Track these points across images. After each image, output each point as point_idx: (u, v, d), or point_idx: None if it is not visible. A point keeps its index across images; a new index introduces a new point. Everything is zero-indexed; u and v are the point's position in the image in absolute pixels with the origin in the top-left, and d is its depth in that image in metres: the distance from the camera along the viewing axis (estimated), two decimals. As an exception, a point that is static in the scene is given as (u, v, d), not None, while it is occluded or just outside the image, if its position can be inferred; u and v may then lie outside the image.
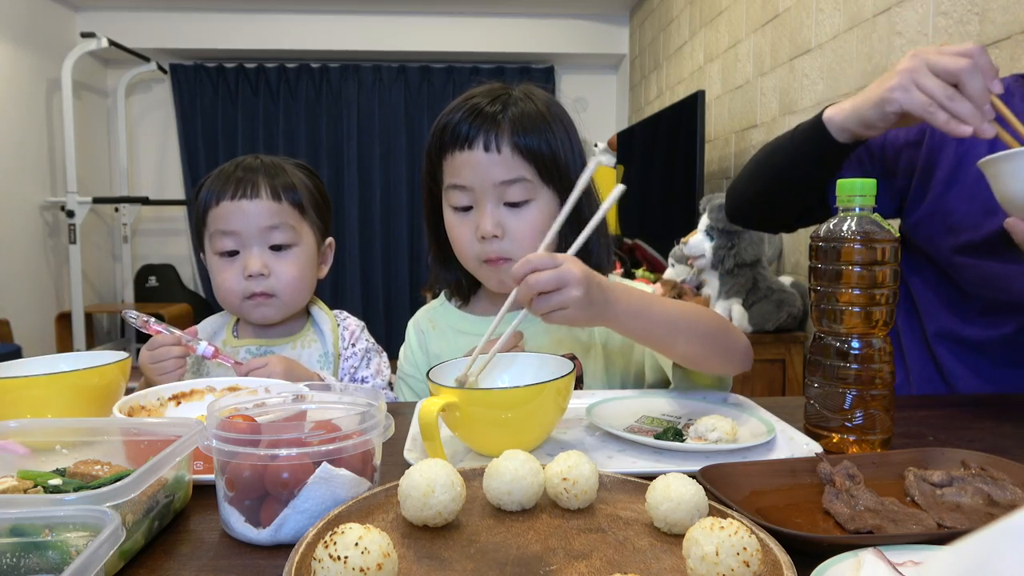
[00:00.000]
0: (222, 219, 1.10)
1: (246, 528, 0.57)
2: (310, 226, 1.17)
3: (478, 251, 1.00)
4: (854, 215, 0.76)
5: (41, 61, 4.31)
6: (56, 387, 0.80)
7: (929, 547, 0.51)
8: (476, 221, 0.99)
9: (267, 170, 1.14)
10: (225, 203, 1.10)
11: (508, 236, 0.98)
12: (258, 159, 1.17)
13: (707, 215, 2.34)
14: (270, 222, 1.10)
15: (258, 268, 1.10)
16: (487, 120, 0.97)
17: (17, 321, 3.88)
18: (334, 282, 5.14)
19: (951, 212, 1.04)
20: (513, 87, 1.03)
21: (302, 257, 1.14)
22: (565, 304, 0.75)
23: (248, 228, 1.10)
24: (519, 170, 0.97)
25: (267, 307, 1.13)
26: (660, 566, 0.51)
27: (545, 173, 0.98)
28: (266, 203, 1.10)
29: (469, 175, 0.97)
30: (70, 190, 4.24)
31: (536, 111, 0.99)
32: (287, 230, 1.12)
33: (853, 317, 0.75)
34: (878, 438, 0.76)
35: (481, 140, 0.96)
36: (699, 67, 3.46)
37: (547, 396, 0.74)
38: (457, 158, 0.98)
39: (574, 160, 1.01)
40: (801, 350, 2.34)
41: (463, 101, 1.00)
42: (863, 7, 2.04)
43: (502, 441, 0.71)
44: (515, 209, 0.98)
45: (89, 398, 0.83)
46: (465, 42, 4.90)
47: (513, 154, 0.96)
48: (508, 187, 0.97)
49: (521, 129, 0.96)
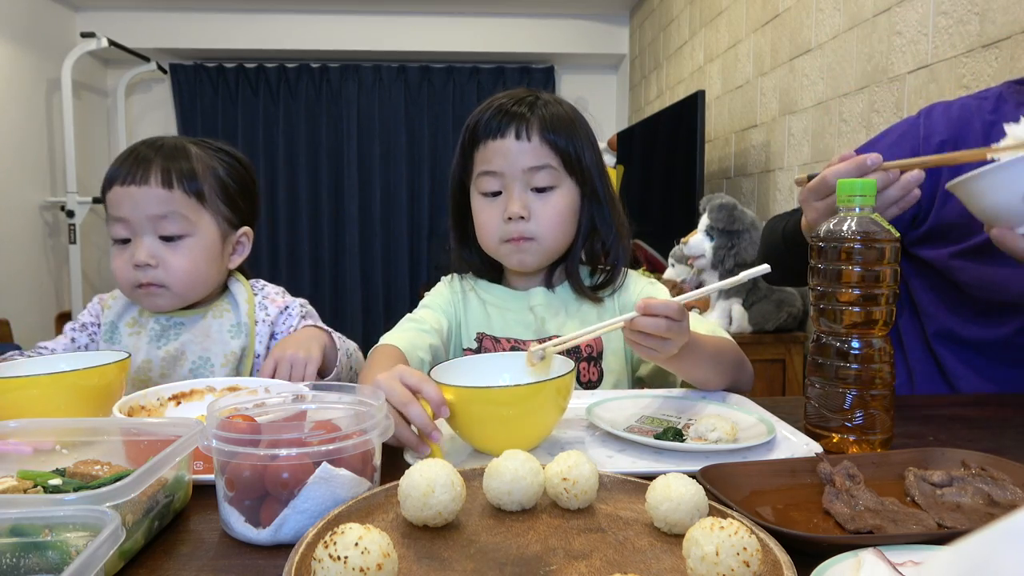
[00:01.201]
0: (114, 204, 1.08)
1: (246, 528, 0.57)
2: (212, 215, 1.13)
3: (502, 231, 1.07)
4: (854, 215, 0.76)
5: (41, 61, 4.31)
6: (56, 387, 0.80)
7: (929, 547, 0.51)
8: (504, 205, 1.06)
9: (167, 154, 1.10)
10: (116, 188, 1.07)
11: (533, 218, 1.05)
12: (163, 141, 1.13)
13: (707, 215, 2.34)
14: (159, 211, 1.07)
15: (144, 258, 1.07)
16: (517, 115, 1.05)
17: (17, 321, 3.88)
18: (334, 282, 5.14)
19: (950, 224, 1.05)
20: (540, 93, 1.11)
21: (196, 248, 1.10)
22: (663, 351, 0.81)
23: (137, 215, 1.07)
24: (546, 158, 1.05)
25: (157, 297, 1.10)
26: (660, 566, 0.51)
27: (568, 165, 1.06)
28: (155, 190, 1.07)
29: (500, 161, 1.05)
30: (70, 190, 4.23)
31: (564, 114, 1.08)
32: (178, 219, 1.08)
33: (853, 317, 0.75)
34: (878, 438, 0.76)
35: (513, 129, 1.04)
36: (699, 67, 3.46)
37: (546, 395, 0.74)
38: (489, 147, 1.06)
39: (595, 164, 1.10)
40: (801, 350, 2.34)
41: (492, 104, 1.09)
42: (863, 7, 2.04)
43: (501, 439, 0.72)
44: (541, 194, 1.06)
45: (89, 398, 0.83)
46: (465, 42, 4.90)
47: (541, 143, 1.05)
48: (536, 173, 1.05)
49: (550, 125, 1.05)
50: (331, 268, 5.13)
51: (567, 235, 1.09)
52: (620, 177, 3.82)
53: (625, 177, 3.74)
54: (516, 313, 1.12)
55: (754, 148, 2.82)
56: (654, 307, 0.78)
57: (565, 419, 0.85)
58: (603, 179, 1.11)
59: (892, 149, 1.07)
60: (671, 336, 0.79)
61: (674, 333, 0.79)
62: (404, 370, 0.74)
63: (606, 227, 1.10)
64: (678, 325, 0.79)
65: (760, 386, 2.32)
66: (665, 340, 0.80)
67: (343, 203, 5.10)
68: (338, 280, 5.15)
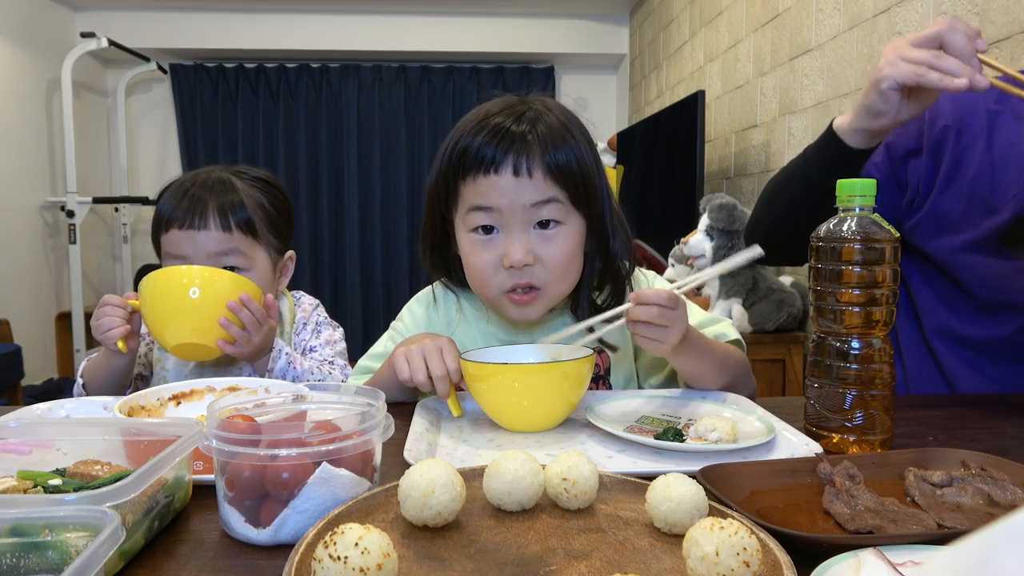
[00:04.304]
0: (173, 244, 1.13)
1: (246, 528, 0.57)
2: (264, 248, 1.18)
3: (502, 280, 0.93)
4: (854, 215, 0.76)
5: (41, 61, 4.31)
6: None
7: (929, 547, 0.51)
8: (502, 248, 0.92)
9: (218, 190, 1.13)
10: (175, 231, 1.12)
11: (540, 263, 0.92)
12: (211, 176, 1.16)
13: (707, 215, 2.34)
14: (219, 248, 1.12)
15: None
16: (515, 141, 0.90)
17: (17, 321, 3.88)
18: (334, 282, 5.14)
19: (949, 212, 1.04)
20: (529, 98, 0.97)
21: (255, 280, 1.13)
22: (664, 340, 0.83)
23: (198, 255, 1.12)
24: (551, 191, 0.91)
25: None
26: (660, 566, 0.51)
27: (576, 196, 0.93)
28: (215, 233, 1.12)
29: (497, 197, 0.90)
30: (70, 190, 4.23)
31: (559, 123, 0.93)
32: (237, 256, 1.14)
33: (853, 317, 0.75)
34: (878, 438, 0.76)
35: (511, 163, 0.89)
36: (699, 67, 3.46)
37: (562, 374, 0.83)
38: (481, 183, 0.91)
39: (598, 172, 0.96)
40: (801, 350, 2.34)
41: (482, 120, 0.92)
42: (863, 7, 2.04)
43: (515, 414, 0.85)
44: (546, 233, 0.92)
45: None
46: (465, 42, 4.90)
47: (545, 177, 0.90)
48: (540, 208, 0.91)
49: (552, 147, 0.90)
50: (331, 268, 5.13)
51: (575, 276, 0.97)
52: (620, 177, 3.82)
53: (625, 177, 3.74)
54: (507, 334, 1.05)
55: (754, 148, 2.82)
56: (646, 296, 0.81)
57: (565, 419, 0.87)
58: (609, 199, 0.98)
59: (896, 131, 1.07)
60: (666, 323, 0.82)
61: (668, 320, 0.82)
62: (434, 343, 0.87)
63: (617, 254, 0.99)
64: (672, 312, 0.82)
65: (760, 386, 2.31)
66: (663, 328, 0.82)
67: (343, 203, 5.10)
68: (338, 280, 5.15)
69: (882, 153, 1.09)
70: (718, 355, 0.93)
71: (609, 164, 4.07)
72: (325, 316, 1.27)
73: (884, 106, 0.93)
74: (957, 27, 0.88)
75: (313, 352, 1.21)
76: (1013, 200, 1.00)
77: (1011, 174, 1.00)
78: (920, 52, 0.88)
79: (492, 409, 0.87)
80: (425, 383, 0.86)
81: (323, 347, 1.21)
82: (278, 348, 1.10)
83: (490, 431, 0.85)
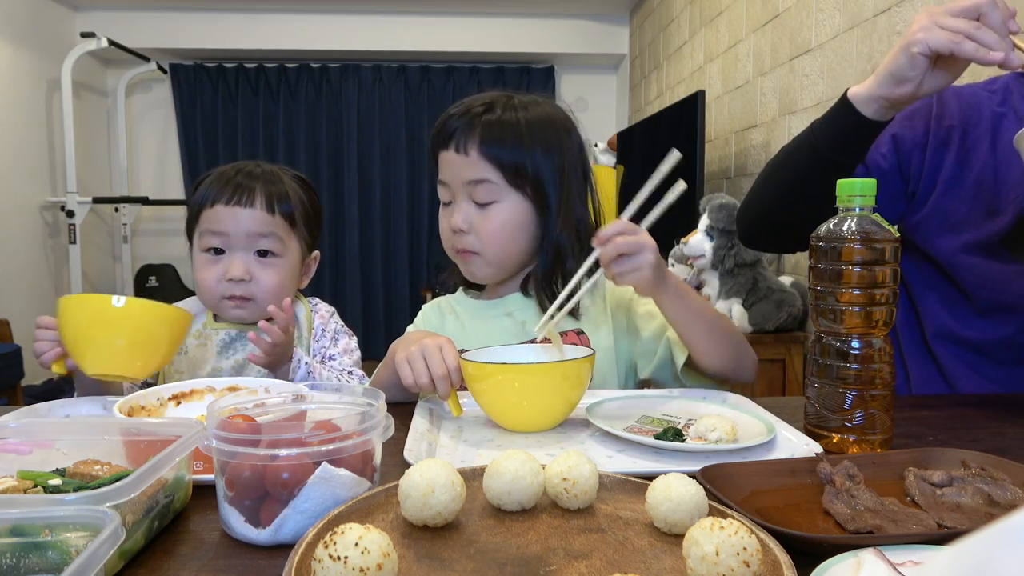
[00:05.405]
0: (215, 220, 1.12)
1: (246, 528, 0.57)
2: (298, 239, 1.19)
3: (453, 242, 1.07)
4: (854, 215, 0.76)
5: (41, 61, 4.31)
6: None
7: (929, 547, 0.51)
8: (451, 214, 1.05)
9: (266, 178, 1.16)
10: (220, 207, 1.12)
11: (474, 232, 1.04)
12: (259, 167, 1.18)
13: (707, 215, 2.34)
14: (260, 230, 1.13)
15: (240, 274, 1.12)
16: (464, 123, 1.03)
17: (17, 321, 3.88)
18: (334, 282, 5.14)
19: (952, 212, 1.04)
20: (515, 95, 1.07)
21: (285, 268, 1.16)
22: (641, 267, 0.85)
23: (238, 232, 1.12)
24: (484, 172, 1.02)
25: (243, 309, 1.15)
26: (660, 566, 0.51)
27: (512, 179, 1.03)
28: (260, 213, 1.13)
29: (447, 172, 1.05)
30: (70, 190, 4.24)
31: (515, 122, 1.03)
32: (275, 240, 1.14)
33: (853, 317, 0.75)
34: (878, 438, 0.76)
35: (454, 141, 1.03)
36: (699, 67, 3.46)
37: (560, 374, 0.84)
38: (442, 156, 1.06)
39: (552, 175, 1.04)
40: (801, 350, 2.34)
41: (450, 108, 1.06)
42: (863, 7, 2.04)
43: (514, 414, 0.85)
44: (482, 208, 1.04)
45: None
46: (465, 42, 4.90)
47: (480, 157, 1.02)
48: (475, 187, 1.03)
49: (490, 137, 1.01)
50: (331, 268, 5.13)
51: (517, 250, 1.06)
52: (620, 177, 3.82)
53: (625, 177, 3.74)
54: (493, 320, 1.10)
55: (754, 148, 2.82)
56: (604, 232, 0.85)
57: (565, 419, 0.87)
58: (562, 187, 1.05)
59: (903, 123, 1.07)
60: (632, 249, 0.84)
61: (634, 244, 0.84)
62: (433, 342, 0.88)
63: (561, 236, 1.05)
64: (634, 236, 0.84)
65: (760, 386, 2.32)
66: (634, 256, 0.84)
67: (343, 203, 5.10)
68: (338, 280, 5.15)
69: (889, 144, 1.08)
70: (708, 311, 0.94)
71: (609, 164, 4.07)
72: (342, 324, 1.26)
73: (912, 72, 0.90)
74: (997, 2, 0.85)
75: (332, 361, 1.20)
76: (1015, 203, 1.00)
77: (1014, 177, 1.00)
78: (958, 21, 0.86)
79: (492, 409, 0.87)
80: (428, 386, 0.87)
81: (342, 356, 1.20)
82: (297, 358, 1.08)
83: (490, 431, 0.86)
